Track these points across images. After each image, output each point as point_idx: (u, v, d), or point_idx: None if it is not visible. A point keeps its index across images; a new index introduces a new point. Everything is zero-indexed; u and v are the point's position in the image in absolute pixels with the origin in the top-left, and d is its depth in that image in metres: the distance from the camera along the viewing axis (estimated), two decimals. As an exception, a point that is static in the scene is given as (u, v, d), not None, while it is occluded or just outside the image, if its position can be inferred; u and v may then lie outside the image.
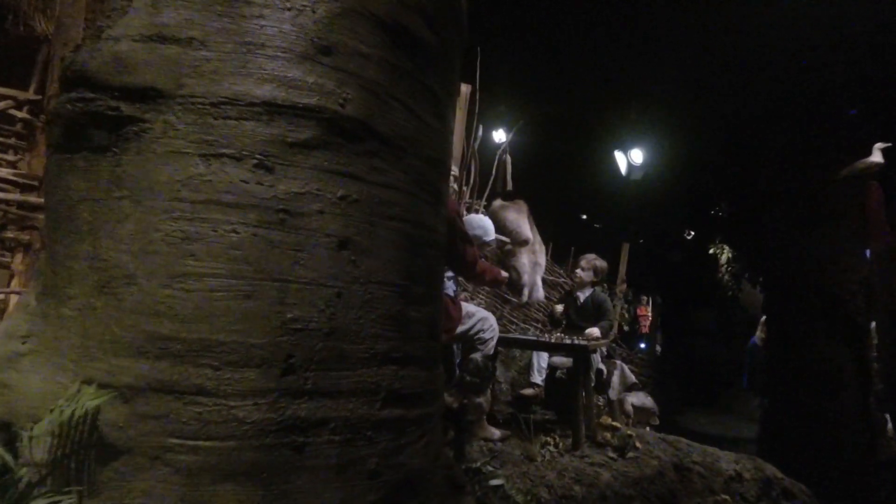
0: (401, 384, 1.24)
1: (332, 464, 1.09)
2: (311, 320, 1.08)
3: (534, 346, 3.38)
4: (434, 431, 1.47)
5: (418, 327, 1.33)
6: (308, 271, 1.09)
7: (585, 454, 2.71)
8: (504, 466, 2.31)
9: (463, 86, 3.90)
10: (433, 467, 1.47)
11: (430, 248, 1.39)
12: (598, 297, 3.68)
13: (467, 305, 2.65)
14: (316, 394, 1.08)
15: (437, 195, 1.44)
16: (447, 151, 1.52)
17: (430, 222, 1.38)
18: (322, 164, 1.13)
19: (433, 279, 1.43)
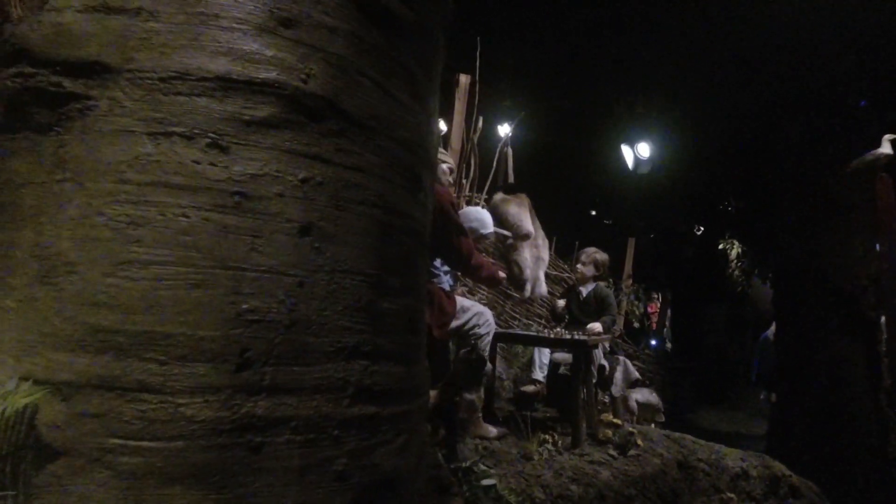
0: (372, 380, 1.16)
1: (294, 465, 1.01)
2: (269, 311, 1.00)
3: (532, 341, 3.29)
4: (415, 430, 1.39)
5: (393, 320, 1.24)
6: (266, 259, 1.01)
7: (585, 452, 2.62)
8: (498, 465, 2.23)
9: (462, 76, 3.81)
10: (415, 468, 1.39)
11: (408, 236, 1.31)
12: (601, 291, 3.58)
13: (462, 300, 2.57)
14: (275, 390, 1.00)
15: (416, 180, 1.35)
16: (428, 135, 1.44)
17: (406, 209, 1.30)
18: (282, 143, 1.05)
19: (411, 270, 1.34)
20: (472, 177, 3.91)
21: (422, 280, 1.45)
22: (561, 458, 2.49)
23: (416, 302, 1.38)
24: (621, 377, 3.37)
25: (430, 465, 1.60)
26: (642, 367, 5.95)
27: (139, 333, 0.93)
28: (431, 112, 1.47)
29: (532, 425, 2.82)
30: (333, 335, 1.08)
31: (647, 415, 4.16)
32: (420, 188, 1.39)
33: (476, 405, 2.11)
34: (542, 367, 3.55)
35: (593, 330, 3.21)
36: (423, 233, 1.44)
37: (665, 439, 3.40)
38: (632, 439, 2.75)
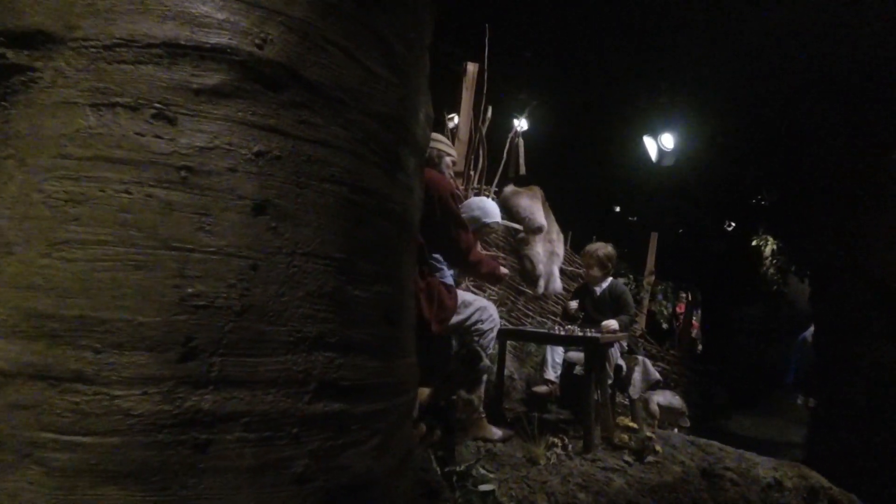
0: (339, 374, 1.07)
1: (246, 466, 0.93)
2: (217, 296, 0.92)
3: (542, 339, 3.15)
4: (396, 431, 1.29)
5: (366, 310, 1.15)
6: (215, 239, 0.93)
7: (598, 458, 2.47)
8: (501, 470, 2.11)
9: (470, 65, 3.70)
10: (396, 471, 1.30)
11: (384, 219, 1.21)
12: (617, 288, 3.40)
13: (465, 294, 2.46)
14: (224, 383, 0.92)
15: (394, 159, 1.26)
16: (410, 112, 1.34)
17: (382, 189, 1.20)
18: (235, 114, 0.97)
19: (389, 256, 1.24)
20: (480, 168, 3.79)
21: (405, 268, 1.35)
22: (570, 463, 2.35)
23: (396, 291, 1.28)
24: (640, 378, 3.19)
25: (418, 467, 1.50)
26: (666, 368, 5.70)
27: (74, 319, 0.86)
28: (415, 88, 1.37)
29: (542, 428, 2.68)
30: (293, 324, 0.99)
31: (671, 419, 3.96)
32: (400, 168, 1.29)
33: (475, 405, 2.00)
34: (556, 367, 3.41)
35: (608, 327, 3.05)
36: (407, 217, 1.34)
37: (689, 445, 3.21)
38: (650, 444, 2.59)
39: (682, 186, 7.51)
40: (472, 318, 2.39)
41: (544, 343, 3.34)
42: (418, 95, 1.41)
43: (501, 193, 4.34)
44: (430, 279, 2.30)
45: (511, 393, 3.63)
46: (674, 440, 3.19)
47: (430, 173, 2.40)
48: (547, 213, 4.51)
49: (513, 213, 4.28)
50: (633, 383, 3.17)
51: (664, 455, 2.73)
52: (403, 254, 1.34)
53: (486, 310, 2.43)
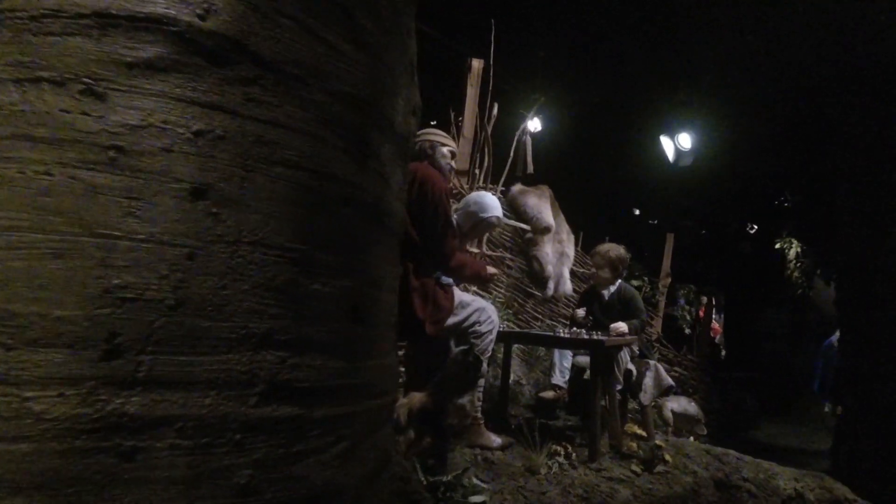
0: (293, 375, 0.97)
1: (180, 476, 0.84)
2: (147, 288, 0.83)
3: (546, 341, 3.02)
4: (365, 437, 1.19)
5: (326, 306, 1.05)
6: (146, 225, 0.84)
7: (603, 467, 2.33)
8: (497, 480, 1.99)
9: (475, 61, 3.60)
10: (365, 481, 1.19)
11: (350, 207, 1.12)
12: (626, 291, 3.25)
13: (462, 294, 2.35)
14: (154, 384, 0.83)
15: (363, 144, 1.16)
16: (383, 94, 1.24)
17: (347, 175, 1.11)
18: (172, 90, 0.89)
19: (356, 248, 1.15)
20: (486, 166, 3.67)
21: (377, 262, 1.25)
22: (573, 472, 2.21)
23: (365, 286, 1.18)
24: (652, 384, 3.03)
25: (398, 477, 1.39)
26: (683, 374, 5.48)
27: (-16, 312, 0.78)
28: (390, 70, 1.27)
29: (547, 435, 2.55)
30: (236, 319, 0.90)
31: (686, 426, 3.78)
32: (371, 154, 1.19)
33: (468, 410, 1.89)
34: (563, 372, 3.26)
35: (617, 330, 2.91)
36: (380, 207, 1.25)
37: (704, 455, 3.04)
38: (659, 453, 2.43)
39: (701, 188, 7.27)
40: (469, 320, 2.28)
41: (548, 346, 3.21)
42: (395, 79, 1.31)
43: (508, 192, 4.23)
44: (425, 279, 2.20)
45: (518, 398, 3.50)
46: (688, 449, 3.02)
47: (424, 168, 2.30)
48: (556, 213, 4.38)
49: (520, 212, 4.16)
50: (644, 389, 3.01)
51: (675, 465, 2.57)
52: (375, 247, 1.24)
53: (485, 311, 2.31)
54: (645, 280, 5.36)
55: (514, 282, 4.22)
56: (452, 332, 2.25)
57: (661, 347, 5.38)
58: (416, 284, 2.14)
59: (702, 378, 5.46)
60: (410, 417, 1.82)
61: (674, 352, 5.48)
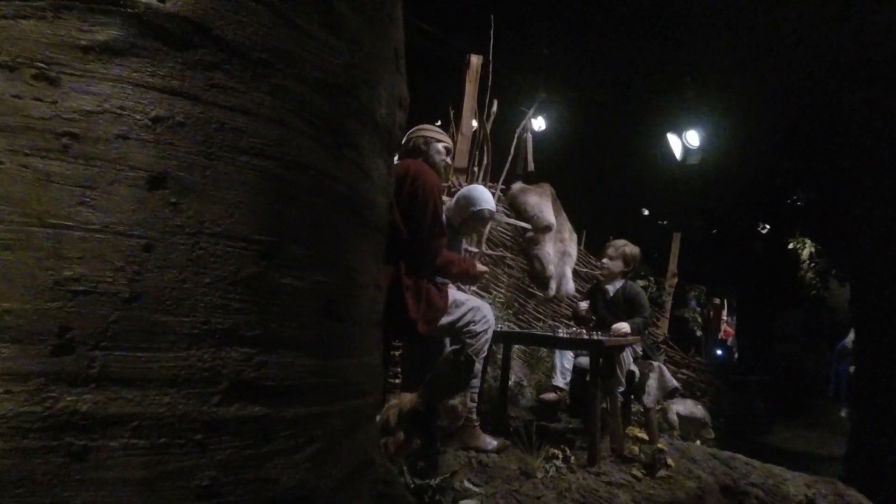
0: (260, 373, 0.93)
1: (136, 477, 0.80)
2: (101, 280, 0.80)
3: (543, 341, 2.96)
4: (342, 438, 1.15)
5: (297, 300, 1.01)
6: (101, 215, 0.81)
7: (603, 471, 2.26)
8: (490, 483, 1.94)
9: (473, 57, 3.56)
10: (345, 484, 1.15)
11: (323, 199, 1.08)
12: (631, 289, 3.18)
13: (457, 293, 2.30)
14: (108, 381, 0.79)
15: (339, 133, 1.12)
16: (362, 83, 1.20)
17: (320, 165, 1.07)
18: (130, 75, 0.85)
19: (330, 241, 1.11)
20: (485, 164, 3.62)
21: (355, 256, 1.21)
22: (571, 476, 2.15)
23: (342, 281, 1.14)
24: (656, 386, 2.95)
25: (381, 480, 1.35)
26: (692, 376, 5.37)
27: (-71, 305, 0.75)
28: (371, 59, 1.23)
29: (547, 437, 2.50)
30: (198, 314, 0.87)
31: (692, 429, 3.69)
32: (348, 144, 1.15)
33: (460, 412, 1.84)
34: (565, 373, 3.20)
35: (619, 330, 2.84)
36: (358, 200, 1.20)
37: (710, 459, 2.96)
38: (661, 458, 2.36)
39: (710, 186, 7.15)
40: (464, 319, 2.23)
41: (546, 346, 3.15)
42: (375, 68, 1.27)
43: (509, 191, 4.17)
44: (418, 277, 2.16)
45: (519, 400, 3.44)
46: (694, 453, 2.94)
47: (416, 165, 2.26)
48: (558, 212, 4.31)
49: (520, 211, 4.10)
50: (647, 391, 2.93)
51: (678, 469, 2.50)
52: (353, 240, 1.20)
53: (480, 310, 2.26)
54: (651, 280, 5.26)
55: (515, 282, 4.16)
56: (447, 332, 2.21)
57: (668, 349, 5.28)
58: (408, 283, 2.10)
59: (710, 380, 5.35)
60: (400, 419, 1.78)
61: (681, 353, 5.37)
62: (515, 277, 4.14)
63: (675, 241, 5.49)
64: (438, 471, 1.81)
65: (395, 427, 1.76)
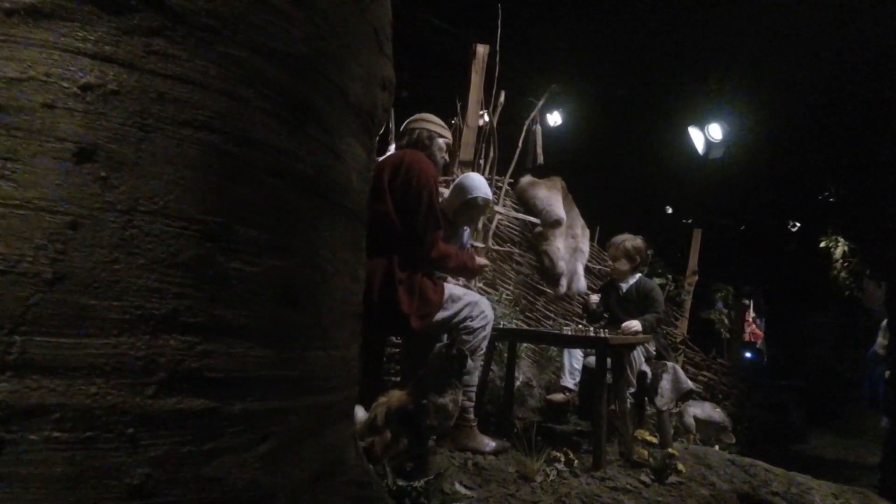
0: (203, 363, 0.87)
1: (58, 473, 0.74)
2: (21, 260, 0.74)
3: (544, 339, 2.85)
4: (305, 436, 1.08)
5: (249, 286, 0.94)
6: (21, 189, 0.75)
7: (608, 476, 2.14)
8: (485, 486, 1.84)
9: (479, 46, 3.46)
10: (307, 486, 1.08)
11: (279, 178, 1.00)
12: (645, 285, 3.04)
13: (454, 288, 2.22)
14: (28, 368, 0.73)
15: (299, 110, 1.05)
16: (329, 57, 1.13)
17: (278, 143, 1.00)
18: (57, 40, 0.79)
19: (290, 224, 1.03)
20: (491, 157, 3.52)
21: (321, 242, 1.13)
22: (574, 481, 2.04)
23: (304, 268, 1.07)
24: (669, 387, 2.81)
25: (353, 482, 1.27)
26: (713, 379, 5.15)
27: None
28: (339, 32, 1.16)
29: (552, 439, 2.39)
30: (130, 298, 0.80)
31: (711, 434, 3.51)
32: (313, 122, 1.08)
33: (450, 410, 1.75)
34: (574, 373, 3.08)
35: (628, 328, 2.71)
36: (324, 181, 1.13)
37: (728, 465, 2.79)
38: (671, 463, 2.23)
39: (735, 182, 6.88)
40: (460, 315, 2.14)
41: (548, 344, 3.05)
42: (347, 43, 1.20)
43: (518, 184, 4.06)
44: (413, 271, 2.08)
45: (527, 401, 3.32)
46: (710, 458, 2.79)
47: (412, 154, 2.19)
48: (570, 207, 4.18)
49: (529, 205, 3.98)
50: (660, 392, 2.79)
51: (691, 475, 2.36)
52: (319, 225, 1.12)
53: (478, 305, 2.17)
54: (668, 278, 5.06)
55: (524, 278, 4.04)
56: (443, 328, 2.12)
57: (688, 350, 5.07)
58: (402, 277, 2.02)
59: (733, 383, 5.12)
60: (388, 417, 1.70)
61: (701, 355, 5.16)
62: (524, 274, 4.02)
63: (695, 238, 5.27)
64: (428, 472, 1.72)
65: (383, 426, 1.68)
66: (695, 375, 4.99)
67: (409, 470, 1.69)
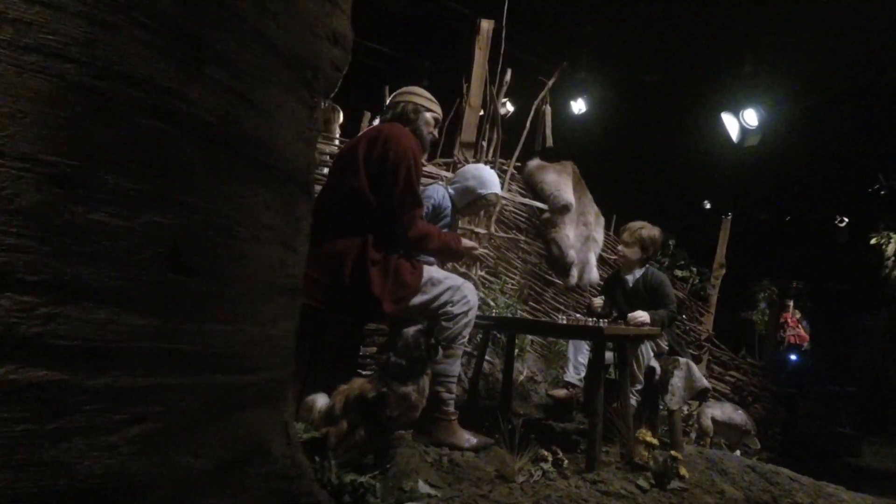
0: (47, 328, 0.75)
1: None
2: None
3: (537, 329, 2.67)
4: (203, 420, 0.95)
5: (118, 244, 0.82)
6: None
7: (601, 479, 1.94)
8: (455, 485, 1.68)
9: (484, 22, 3.27)
10: (211, 476, 0.95)
11: (161, 121, 0.87)
12: (654, 277, 2.80)
13: (435, 271, 2.06)
14: None
15: (193, 45, 0.92)
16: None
17: (157, 79, 0.86)
18: None
19: (176, 176, 0.90)
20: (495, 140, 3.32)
21: (235, 202, 1.00)
22: (561, 483, 1.85)
23: (202, 229, 0.94)
24: (681, 385, 2.57)
25: (278, 474, 1.13)
26: (742, 380, 4.79)
27: None
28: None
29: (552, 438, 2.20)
30: (-57, 247, 0.68)
31: (732, 437, 3.23)
32: (208, 60, 0.94)
33: (413, 401, 1.59)
34: (579, 368, 2.87)
35: (635, 319, 2.49)
36: (235, 134, 1.00)
37: (747, 472, 2.54)
38: (673, 466, 2.01)
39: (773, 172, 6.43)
40: (440, 299, 1.98)
41: (540, 334, 2.87)
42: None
43: (525, 168, 3.85)
44: (389, 252, 1.93)
45: (530, 397, 3.13)
46: (727, 464, 2.54)
47: (390, 127, 2.04)
48: (583, 193, 3.94)
49: (537, 189, 3.77)
50: (671, 390, 2.55)
51: (698, 481, 2.13)
52: (226, 181, 0.99)
53: (460, 290, 2.01)
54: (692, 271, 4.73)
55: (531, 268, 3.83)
56: (421, 313, 1.97)
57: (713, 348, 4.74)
58: (376, 257, 1.88)
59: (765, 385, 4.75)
60: (346, 406, 1.56)
61: (729, 354, 4.81)
62: (531, 263, 3.81)
63: (724, 229, 4.91)
64: (391, 467, 1.58)
65: (340, 415, 1.55)
66: (721, 375, 4.66)
67: (368, 464, 1.54)
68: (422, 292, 1.95)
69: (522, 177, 3.82)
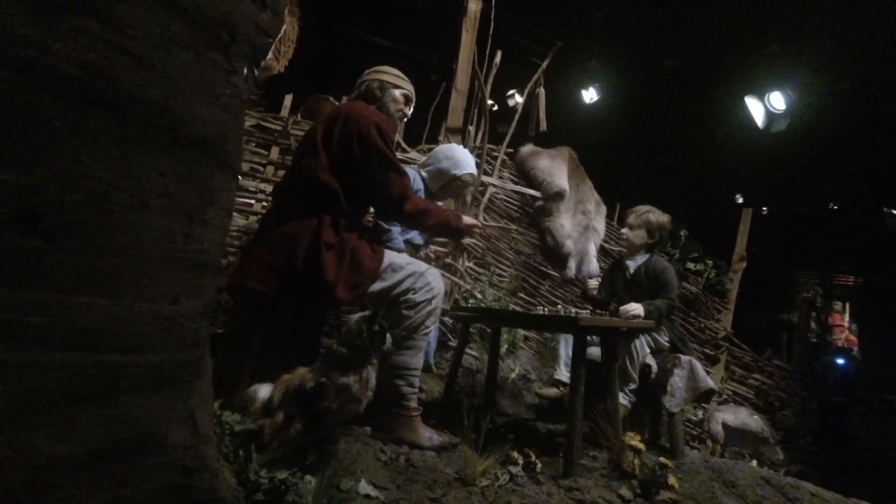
0: None
1: None
2: None
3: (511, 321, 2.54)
4: (71, 402, 0.86)
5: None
6: None
7: (578, 486, 1.78)
8: (404, 487, 1.55)
9: (471, 2, 3.14)
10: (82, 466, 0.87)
11: (12, 71, 0.79)
12: (656, 265, 2.60)
13: (397, 256, 1.94)
14: None
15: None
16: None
17: (18, 28, 0.78)
18: None
19: (29, 131, 0.82)
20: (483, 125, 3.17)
21: (114, 166, 0.91)
22: (531, 488, 1.70)
23: (66, 193, 0.85)
24: (683, 385, 2.36)
25: (174, 467, 1.04)
26: (767, 383, 4.46)
27: None
28: None
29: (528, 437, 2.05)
30: None
31: (748, 445, 2.97)
32: (79, 9, 0.86)
33: (354, 392, 1.47)
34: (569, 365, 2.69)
35: (627, 311, 2.30)
36: (110, 90, 0.91)
37: (760, 484, 2.32)
38: (661, 475, 1.82)
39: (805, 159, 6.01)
40: (401, 286, 1.87)
41: (514, 326, 2.71)
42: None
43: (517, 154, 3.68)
44: (347, 234, 1.83)
45: (521, 395, 2.97)
46: (736, 474, 2.32)
47: (350, 105, 1.94)
48: (581, 180, 3.74)
49: (529, 175, 3.59)
50: (671, 391, 2.35)
51: (694, 492, 1.94)
52: (97, 139, 0.90)
53: (423, 276, 1.88)
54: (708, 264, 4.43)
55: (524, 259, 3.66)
56: (380, 301, 1.85)
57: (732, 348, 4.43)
58: (331, 240, 1.78)
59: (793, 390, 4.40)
60: (285, 397, 1.46)
61: (752, 355, 4.49)
62: (524, 254, 3.63)
63: (744, 219, 4.58)
64: (330, 463, 1.47)
65: (277, 407, 1.45)
66: (744, 378, 4.35)
67: (308, 461, 1.44)
68: (381, 279, 1.84)
69: (515, 163, 3.66)
